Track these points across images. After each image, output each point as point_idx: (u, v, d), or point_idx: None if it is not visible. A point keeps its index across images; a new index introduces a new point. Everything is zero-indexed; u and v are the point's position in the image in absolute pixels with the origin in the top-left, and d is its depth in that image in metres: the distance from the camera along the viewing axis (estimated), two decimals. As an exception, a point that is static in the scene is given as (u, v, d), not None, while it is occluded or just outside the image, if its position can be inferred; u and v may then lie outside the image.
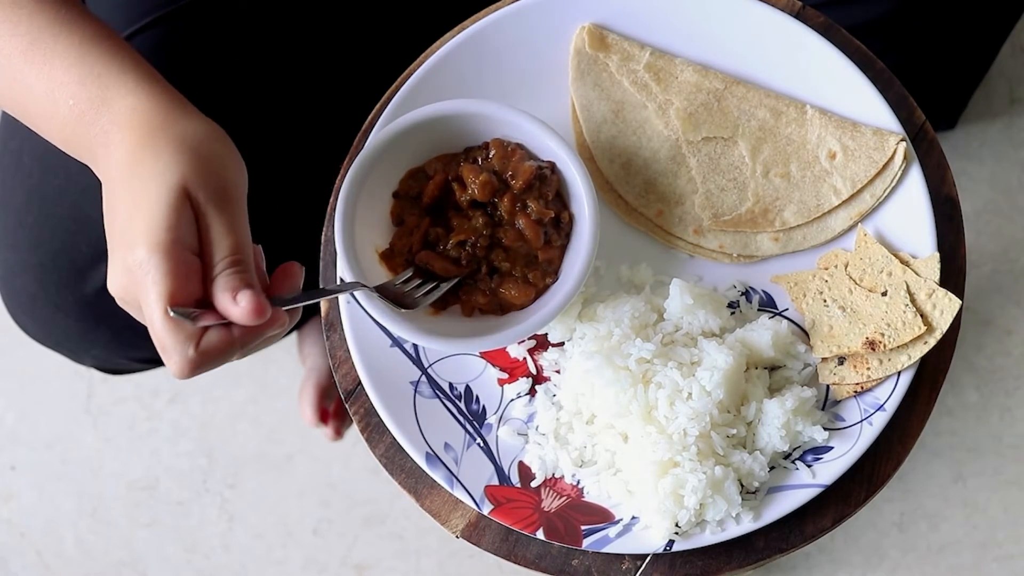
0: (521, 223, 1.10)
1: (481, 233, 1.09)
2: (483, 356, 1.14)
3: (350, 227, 1.08)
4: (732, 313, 1.13)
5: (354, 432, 1.95)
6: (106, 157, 0.97)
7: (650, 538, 1.06)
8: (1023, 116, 2.03)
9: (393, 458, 1.13)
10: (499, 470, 1.10)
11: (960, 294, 1.12)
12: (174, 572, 1.98)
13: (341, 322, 1.13)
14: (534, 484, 1.09)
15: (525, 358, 1.13)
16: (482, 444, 1.11)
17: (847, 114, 1.14)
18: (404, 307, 1.06)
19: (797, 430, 1.07)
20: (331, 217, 1.16)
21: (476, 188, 1.09)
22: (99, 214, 0.97)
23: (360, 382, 1.13)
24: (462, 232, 1.09)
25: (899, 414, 1.09)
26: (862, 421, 1.08)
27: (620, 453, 1.08)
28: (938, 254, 1.09)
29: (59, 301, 1.33)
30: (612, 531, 1.07)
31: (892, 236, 1.12)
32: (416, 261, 1.10)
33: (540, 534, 1.07)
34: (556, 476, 1.10)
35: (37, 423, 2.05)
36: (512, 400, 1.12)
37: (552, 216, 1.09)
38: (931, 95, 1.42)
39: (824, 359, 1.10)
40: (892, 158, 1.12)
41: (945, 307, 1.07)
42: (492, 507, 1.08)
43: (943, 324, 1.07)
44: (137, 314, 0.94)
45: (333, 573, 1.97)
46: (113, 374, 1.52)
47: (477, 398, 1.12)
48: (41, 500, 2.02)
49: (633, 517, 1.07)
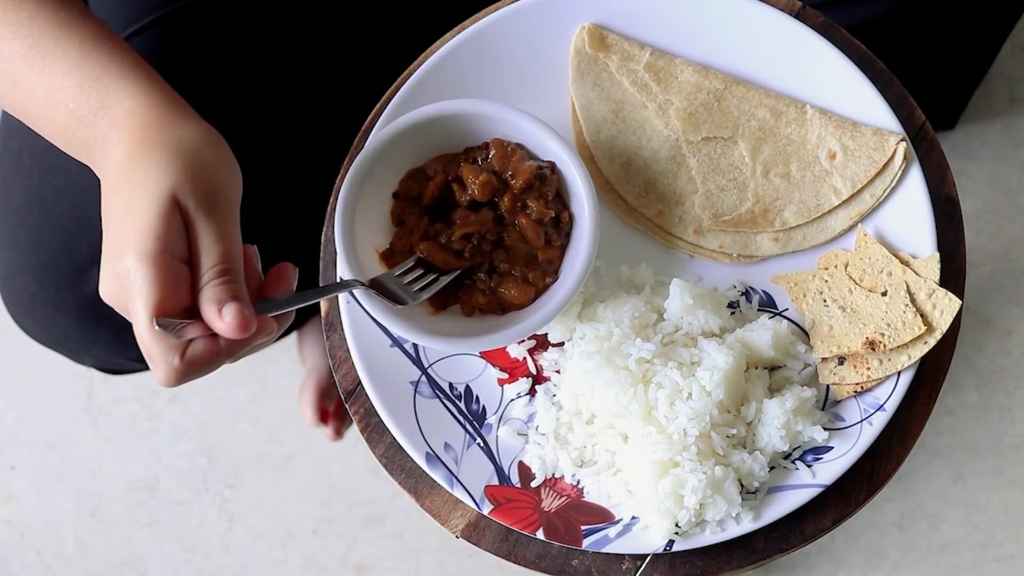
0: (521, 223, 1.10)
1: (488, 227, 1.09)
2: (483, 356, 1.14)
3: (350, 227, 1.08)
4: (732, 313, 1.13)
5: (354, 432, 1.95)
6: (104, 161, 0.98)
7: (650, 538, 1.06)
8: (1023, 116, 2.03)
9: (393, 458, 1.13)
10: (499, 470, 1.10)
11: (960, 294, 1.12)
12: (174, 572, 1.98)
13: (341, 322, 1.13)
14: (534, 484, 1.09)
15: (525, 358, 1.13)
16: (482, 444, 1.11)
17: (847, 114, 1.14)
18: (401, 301, 1.06)
19: (797, 430, 1.07)
20: (331, 217, 1.16)
21: (476, 188, 1.09)
22: (99, 214, 0.97)
23: (360, 382, 1.13)
24: (468, 225, 1.09)
25: (899, 414, 1.09)
26: (862, 421, 1.08)
27: (620, 453, 1.08)
28: (938, 254, 1.09)
29: (59, 301, 1.33)
30: (612, 531, 1.07)
31: (892, 236, 1.12)
32: (417, 252, 1.10)
33: (540, 534, 1.07)
34: (556, 476, 1.10)
35: (37, 423, 2.05)
36: (512, 400, 1.12)
37: (552, 216, 1.09)
38: (931, 95, 1.42)
39: (824, 359, 1.10)
40: (892, 158, 1.12)
41: (945, 307, 1.07)
42: (492, 507, 1.08)
43: (943, 324, 1.07)
44: (129, 319, 0.94)
45: (333, 573, 1.97)
46: (113, 374, 1.52)
47: (477, 398, 1.12)
48: (41, 500, 2.02)
49: (633, 517, 1.07)
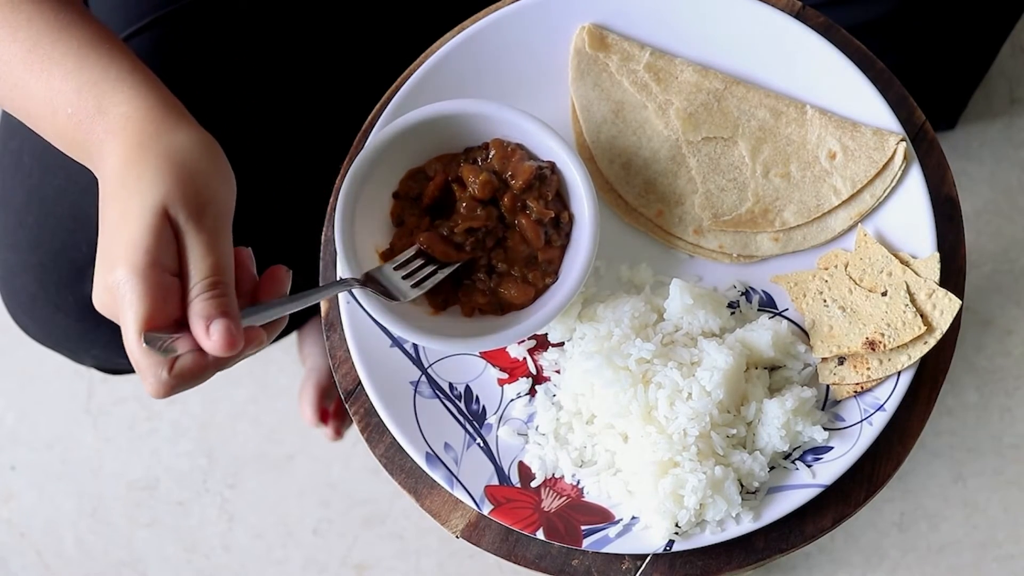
0: (521, 223, 1.10)
1: (493, 222, 1.09)
2: (483, 356, 1.14)
3: (350, 227, 1.08)
4: (732, 313, 1.13)
5: (354, 432, 1.95)
6: (102, 165, 0.98)
7: (650, 538, 1.06)
8: (1023, 116, 2.03)
9: (393, 458, 1.13)
10: (499, 470, 1.10)
11: (960, 294, 1.12)
12: (174, 572, 1.98)
13: (341, 322, 1.13)
14: (534, 484, 1.09)
15: (525, 358, 1.13)
16: (482, 444, 1.11)
17: (847, 114, 1.14)
18: (396, 297, 1.05)
19: (797, 430, 1.07)
20: (331, 217, 1.16)
21: (476, 188, 1.09)
22: (98, 214, 0.97)
23: (360, 382, 1.13)
24: (473, 219, 1.09)
25: (899, 414, 1.09)
26: (862, 421, 1.08)
27: (620, 453, 1.08)
28: (938, 254, 1.09)
29: (59, 301, 1.33)
30: (612, 531, 1.07)
31: (892, 236, 1.12)
32: (417, 242, 1.09)
33: (540, 534, 1.07)
34: (556, 476, 1.10)
35: (37, 423, 2.05)
36: (512, 400, 1.12)
37: (552, 216, 1.09)
38: (931, 95, 1.42)
39: (824, 359, 1.10)
40: (892, 158, 1.12)
41: (945, 307, 1.07)
42: (492, 507, 1.08)
43: (943, 324, 1.07)
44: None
45: (333, 573, 1.97)
46: (113, 374, 1.52)
47: (477, 398, 1.12)
48: (41, 500, 2.02)
49: (633, 517, 1.07)
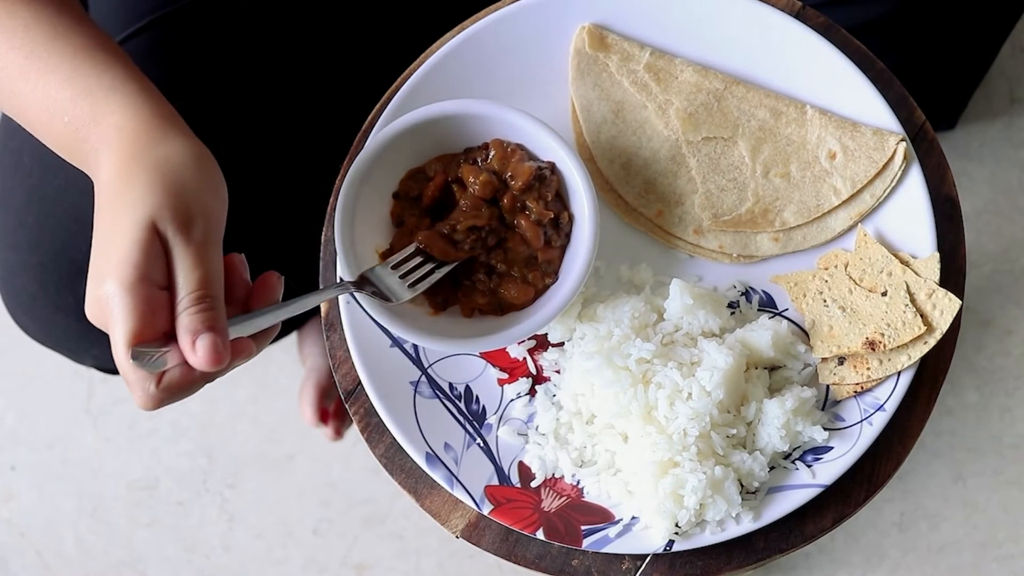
0: (520, 224, 1.09)
1: (495, 221, 1.09)
2: (483, 356, 1.14)
3: (350, 227, 1.08)
4: (732, 313, 1.13)
5: (354, 432, 1.95)
6: (97, 174, 0.99)
7: (650, 538, 1.06)
8: (1023, 116, 2.03)
9: (393, 458, 1.13)
10: (499, 470, 1.10)
11: (960, 294, 1.12)
12: (174, 572, 1.98)
13: (341, 322, 1.13)
14: (534, 484, 1.09)
15: (525, 358, 1.13)
16: (482, 444, 1.11)
17: (847, 114, 1.14)
18: (392, 297, 1.05)
19: (797, 430, 1.07)
20: (331, 217, 1.16)
21: (476, 189, 1.09)
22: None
23: (360, 382, 1.13)
24: (476, 217, 1.09)
25: (899, 414, 1.09)
26: (862, 421, 1.08)
27: (620, 453, 1.08)
28: (938, 254, 1.09)
29: (59, 301, 1.33)
30: (612, 531, 1.07)
31: (892, 236, 1.12)
32: (416, 240, 1.09)
33: (540, 534, 1.07)
34: (556, 476, 1.10)
35: (37, 423, 2.05)
36: (512, 400, 1.12)
37: (552, 217, 1.09)
38: (931, 95, 1.42)
39: (824, 359, 1.10)
40: (892, 158, 1.12)
41: (945, 307, 1.07)
42: (492, 507, 1.08)
43: (943, 324, 1.07)
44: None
45: (333, 573, 1.97)
46: (113, 374, 1.52)
47: (477, 398, 1.12)
48: (41, 500, 2.02)
49: (633, 517, 1.07)
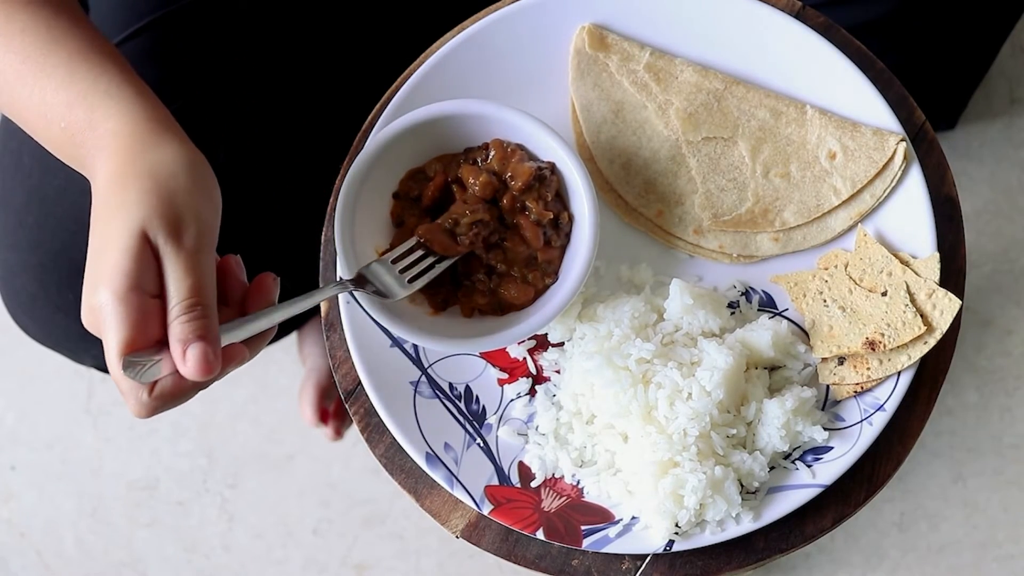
0: (520, 224, 1.09)
1: (495, 222, 1.09)
2: (483, 356, 1.14)
3: (350, 227, 1.08)
4: (732, 313, 1.13)
5: (354, 432, 1.95)
6: (93, 181, 0.99)
7: (650, 538, 1.06)
8: (1023, 116, 2.03)
9: (393, 458, 1.13)
10: (499, 470, 1.10)
11: (960, 294, 1.12)
12: (174, 572, 1.98)
13: (341, 322, 1.13)
14: (534, 484, 1.09)
15: (525, 358, 1.13)
16: (482, 444, 1.11)
17: (847, 114, 1.14)
18: (389, 294, 1.05)
19: (797, 430, 1.07)
20: (331, 217, 1.16)
21: (476, 189, 1.09)
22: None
23: (360, 382, 1.13)
24: (478, 212, 1.09)
25: (899, 414, 1.09)
26: (862, 421, 1.08)
27: (620, 453, 1.08)
28: (938, 254, 1.09)
29: (59, 301, 1.33)
30: (612, 531, 1.07)
31: (892, 236, 1.12)
32: (417, 234, 1.09)
33: (540, 534, 1.07)
34: (556, 476, 1.10)
35: (37, 423, 2.05)
36: (512, 400, 1.12)
37: (551, 217, 1.09)
38: (931, 95, 1.42)
39: (824, 359, 1.10)
40: (892, 158, 1.12)
41: (945, 307, 1.07)
42: (492, 507, 1.08)
43: (943, 324, 1.07)
44: None
45: (333, 573, 1.97)
46: (113, 374, 1.52)
47: (477, 398, 1.12)
48: (41, 500, 2.02)
49: (633, 517, 1.07)
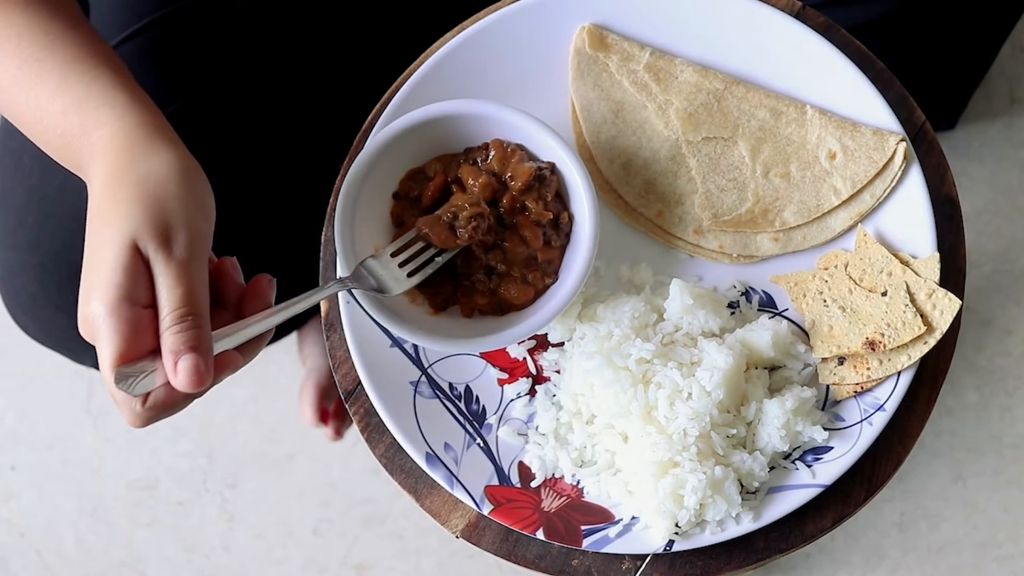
0: (520, 224, 1.09)
1: (496, 218, 1.09)
2: (483, 356, 1.14)
3: (350, 227, 1.08)
4: (732, 313, 1.13)
5: (354, 432, 1.95)
6: (89, 187, 0.99)
7: (650, 538, 1.06)
8: (1023, 116, 2.03)
9: (393, 458, 1.13)
10: (499, 470, 1.10)
11: (960, 294, 1.12)
12: (174, 572, 1.98)
13: (341, 322, 1.13)
14: (534, 484, 1.09)
15: (525, 358, 1.13)
16: (482, 444, 1.11)
17: (847, 114, 1.14)
18: (386, 290, 1.05)
19: (797, 430, 1.07)
20: (331, 217, 1.16)
21: (476, 189, 1.09)
22: None
23: (360, 382, 1.13)
24: (479, 207, 1.08)
25: (899, 414, 1.09)
26: (862, 421, 1.08)
27: (620, 453, 1.08)
28: (938, 254, 1.09)
29: (59, 301, 1.33)
30: (612, 531, 1.07)
31: (892, 236, 1.12)
32: (415, 226, 1.08)
33: (540, 534, 1.07)
34: (556, 476, 1.10)
35: (37, 423, 2.05)
36: (512, 400, 1.12)
37: (551, 217, 1.09)
38: (931, 95, 1.42)
39: (824, 359, 1.10)
40: (892, 158, 1.12)
41: (945, 307, 1.07)
42: (492, 507, 1.08)
43: (943, 324, 1.07)
44: None
45: (333, 573, 1.97)
46: (113, 374, 1.52)
47: (477, 398, 1.12)
48: (41, 500, 2.02)
49: (633, 517, 1.07)
